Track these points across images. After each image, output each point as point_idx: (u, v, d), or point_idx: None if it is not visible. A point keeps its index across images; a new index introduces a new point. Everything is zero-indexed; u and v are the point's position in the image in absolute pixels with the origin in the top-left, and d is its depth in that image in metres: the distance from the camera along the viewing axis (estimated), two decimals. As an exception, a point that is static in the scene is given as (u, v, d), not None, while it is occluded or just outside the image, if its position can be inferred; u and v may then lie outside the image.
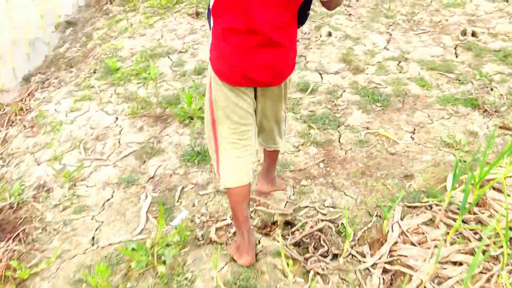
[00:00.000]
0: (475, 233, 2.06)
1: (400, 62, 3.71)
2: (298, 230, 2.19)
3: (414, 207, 2.27)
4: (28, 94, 3.89)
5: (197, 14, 4.64)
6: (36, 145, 3.08)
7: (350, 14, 4.58)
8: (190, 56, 3.94)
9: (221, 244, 2.10)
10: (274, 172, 2.31)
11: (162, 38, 4.28)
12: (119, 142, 2.99)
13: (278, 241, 2.04)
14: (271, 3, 1.48)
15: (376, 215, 2.25)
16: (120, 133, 3.06)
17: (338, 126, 3.00)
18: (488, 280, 1.83)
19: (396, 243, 2.05)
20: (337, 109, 3.16)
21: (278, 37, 1.55)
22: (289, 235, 2.16)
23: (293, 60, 1.70)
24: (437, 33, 4.20)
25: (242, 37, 1.54)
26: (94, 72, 3.87)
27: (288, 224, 2.25)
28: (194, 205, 2.41)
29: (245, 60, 1.59)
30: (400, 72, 3.57)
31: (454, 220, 2.10)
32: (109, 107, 3.34)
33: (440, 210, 2.17)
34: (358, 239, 2.12)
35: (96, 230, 2.32)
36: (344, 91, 3.37)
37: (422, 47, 3.94)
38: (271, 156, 2.20)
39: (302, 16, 1.63)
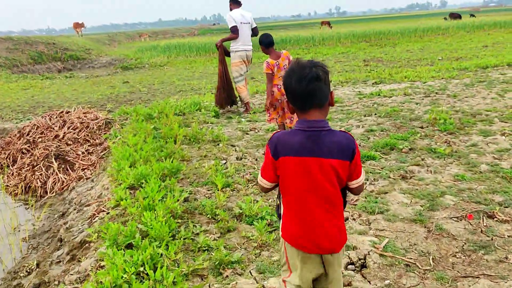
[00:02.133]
0: None
1: None
2: None
3: None
4: None
5: None
6: None
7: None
8: None
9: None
10: None
11: None
12: None
13: None
14: (321, 192, 1.89)
15: None
16: None
17: None
18: None
19: None
20: None
21: (331, 214, 1.94)
22: None
23: (345, 231, 2.02)
24: None
25: (304, 218, 1.95)
26: None
27: None
28: None
29: (311, 232, 1.95)
30: None
31: None
32: None
33: None
34: None
35: None
36: None
37: None
38: None
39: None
